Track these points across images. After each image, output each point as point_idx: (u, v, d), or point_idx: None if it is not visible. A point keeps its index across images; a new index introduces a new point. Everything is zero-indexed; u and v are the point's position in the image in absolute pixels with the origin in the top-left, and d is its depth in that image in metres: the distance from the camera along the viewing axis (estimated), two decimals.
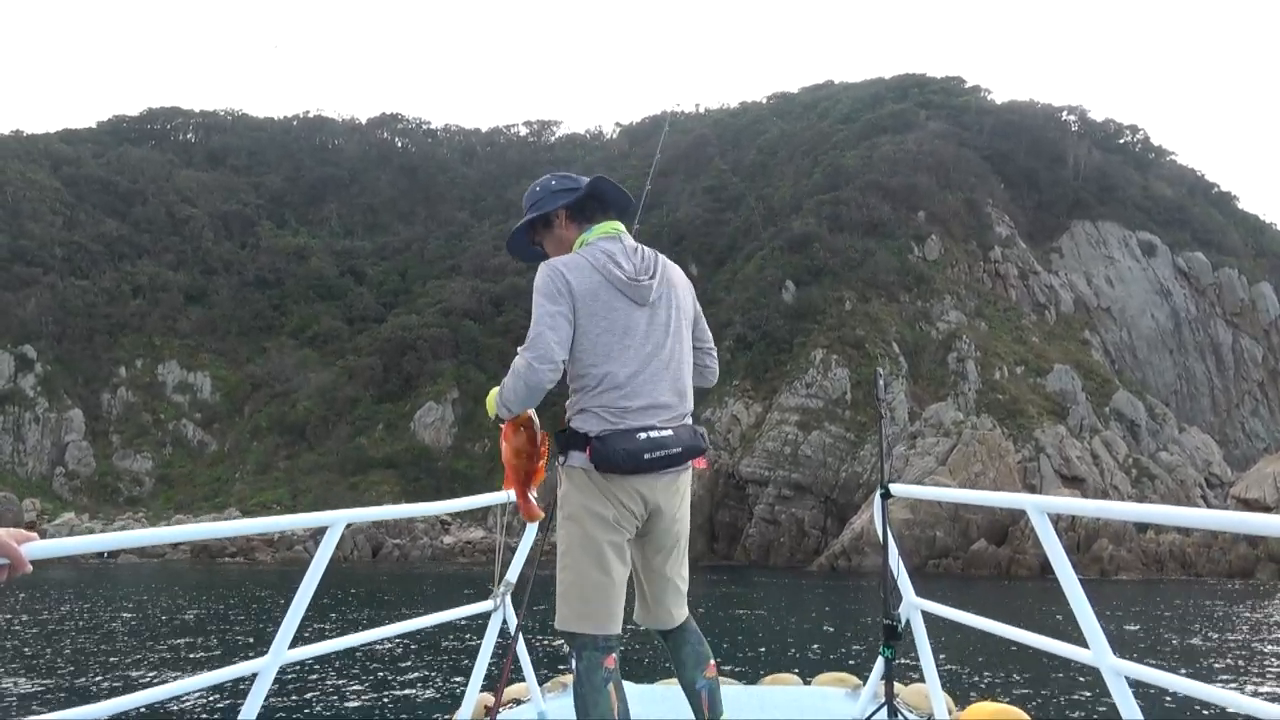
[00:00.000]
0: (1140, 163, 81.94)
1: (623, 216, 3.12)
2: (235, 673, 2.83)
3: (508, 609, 3.91)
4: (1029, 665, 14.18)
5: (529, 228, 3.13)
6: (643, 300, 2.93)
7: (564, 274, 2.86)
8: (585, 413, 2.87)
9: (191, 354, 69.99)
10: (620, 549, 2.89)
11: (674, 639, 3.10)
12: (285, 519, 3.01)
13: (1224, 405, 65.28)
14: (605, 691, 2.78)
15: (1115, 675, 2.62)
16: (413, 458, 60.47)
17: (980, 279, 63.79)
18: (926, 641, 3.68)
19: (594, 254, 2.93)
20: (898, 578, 3.71)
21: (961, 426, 45.94)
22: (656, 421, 2.89)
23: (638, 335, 2.91)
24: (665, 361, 2.95)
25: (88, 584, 33.17)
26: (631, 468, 2.83)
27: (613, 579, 2.86)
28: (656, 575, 3.04)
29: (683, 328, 3.05)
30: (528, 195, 3.13)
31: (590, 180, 3.09)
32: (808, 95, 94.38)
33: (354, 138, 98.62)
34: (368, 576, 37.08)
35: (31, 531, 1.96)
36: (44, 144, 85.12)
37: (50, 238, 72.86)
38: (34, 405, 62.79)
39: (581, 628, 2.83)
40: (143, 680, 14.85)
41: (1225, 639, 19.90)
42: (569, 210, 3.06)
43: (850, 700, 4.30)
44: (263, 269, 77.31)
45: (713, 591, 30.02)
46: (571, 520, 2.89)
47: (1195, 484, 49.53)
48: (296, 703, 14.92)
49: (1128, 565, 38.47)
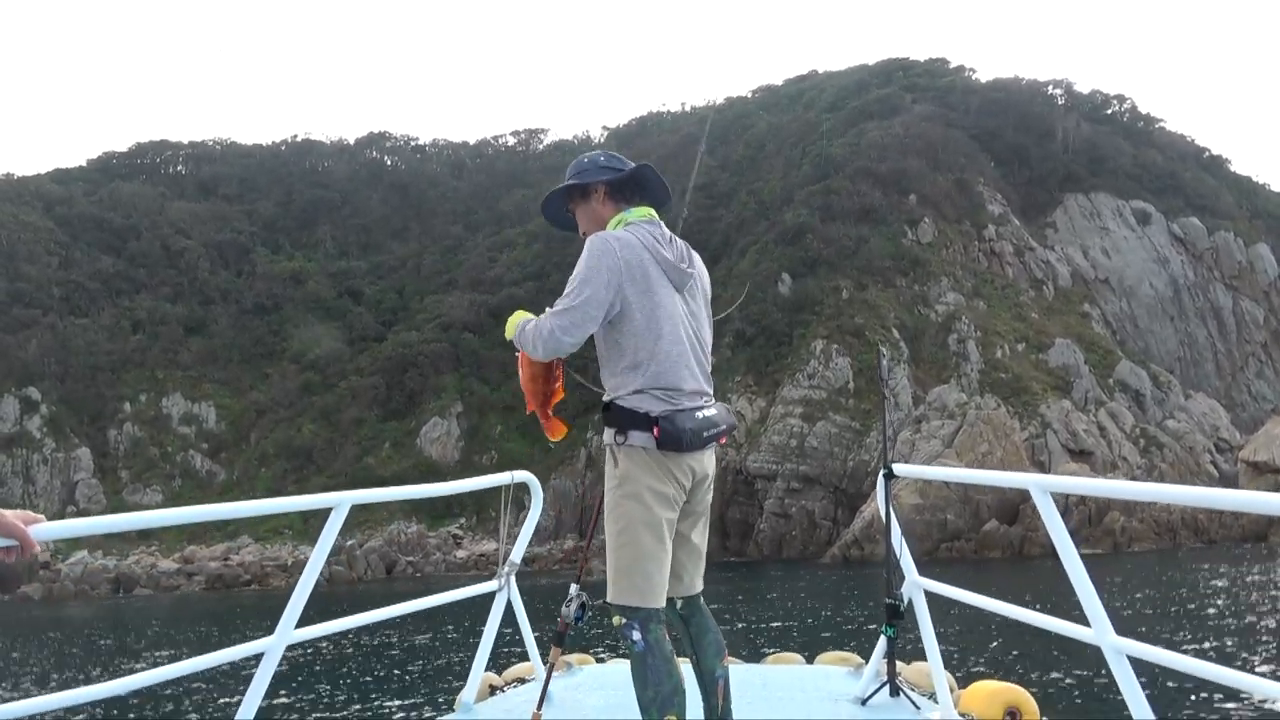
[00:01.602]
0: (1130, 132, 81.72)
1: (657, 208, 3.21)
2: (243, 652, 2.88)
3: (512, 589, 3.98)
4: (1031, 644, 14.15)
5: (566, 194, 3.25)
6: (681, 285, 3.05)
7: (618, 250, 2.94)
8: (642, 393, 2.94)
9: (194, 385, 70.13)
10: (673, 525, 3.01)
11: (696, 625, 3.19)
12: (290, 500, 3.07)
13: (1228, 369, 65.08)
14: (674, 661, 2.89)
15: (1116, 653, 2.62)
16: (420, 474, 60.40)
17: (976, 259, 63.68)
18: (929, 621, 3.70)
19: (641, 233, 3.03)
20: (900, 557, 3.72)
21: (966, 408, 45.84)
22: (703, 402, 3.05)
23: (679, 319, 3.02)
24: (701, 348, 3.09)
25: (103, 620, 33.26)
26: (694, 445, 2.95)
27: (668, 554, 2.98)
28: (688, 544, 3.14)
29: (706, 318, 3.19)
30: (574, 164, 3.27)
31: (636, 165, 3.19)
32: (792, 86, 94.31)
33: (343, 159, 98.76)
34: (383, 595, 37.12)
35: (39, 515, 2.05)
36: (35, 185, 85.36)
37: (47, 278, 73.08)
38: (41, 446, 62.97)
39: (646, 602, 2.90)
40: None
41: (1237, 607, 19.85)
42: (609, 187, 3.16)
43: (853, 679, 4.31)
44: (260, 295, 77.45)
45: (726, 588, 29.99)
46: (632, 499, 2.95)
47: (1204, 450, 49.41)
48: (304, 682, 15.03)
49: (1140, 536, 38.36)
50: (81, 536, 2.28)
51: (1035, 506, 2.91)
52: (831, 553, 41.54)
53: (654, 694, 2.83)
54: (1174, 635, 15.89)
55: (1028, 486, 2.94)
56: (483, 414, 64.15)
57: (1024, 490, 3.01)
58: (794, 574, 35.85)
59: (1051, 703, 10.28)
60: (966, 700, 3.87)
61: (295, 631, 2.97)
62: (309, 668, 14.13)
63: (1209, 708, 9.94)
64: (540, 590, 24.85)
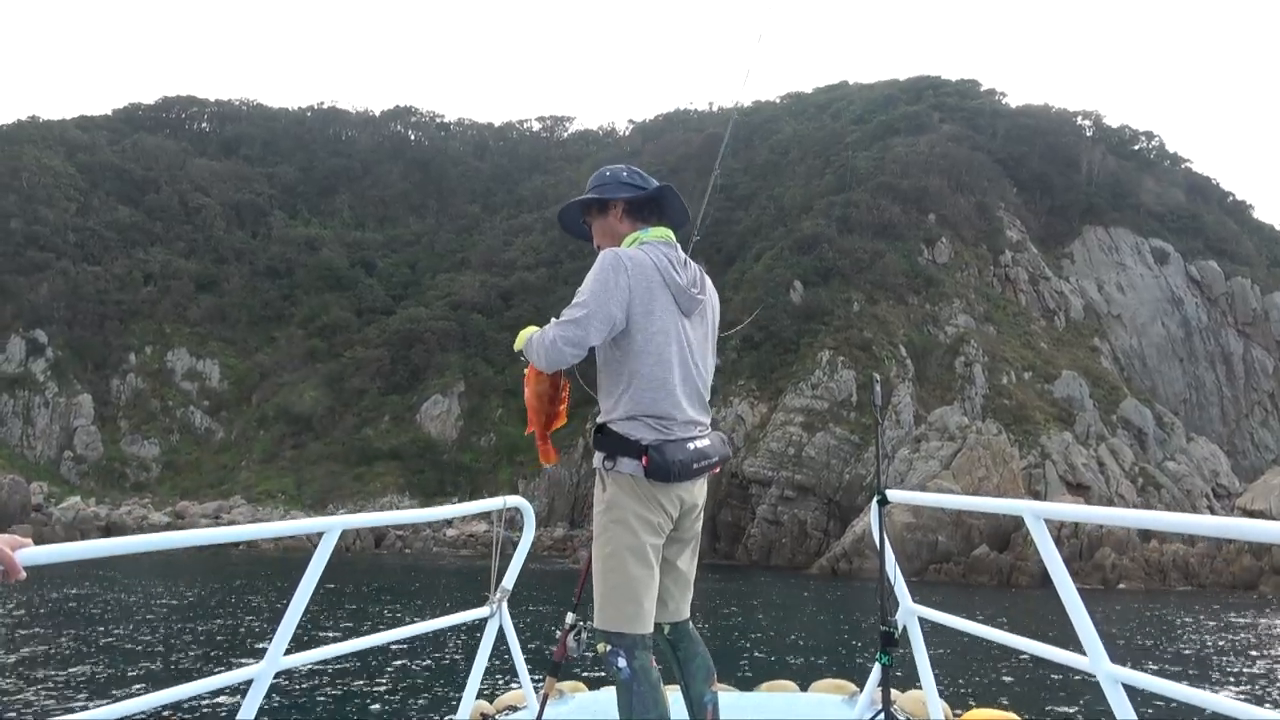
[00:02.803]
0: (1155, 169, 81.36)
1: (675, 230, 3.19)
2: (231, 679, 2.82)
3: (504, 615, 3.93)
4: (1026, 672, 14.11)
5: (585, 206, 3.20)
6: (689, 311, 3.02)
7: (629, 267, 2.91)
8: (635, 420, 2.92)
9: (201, 342, 70.35)
10: (659, 552, 2.98)
11: (684, 650, 3.16)
12: (282, 525, 2.98)
13: (1233, 415, 64.84)
14: (660, 689, 2.87)
15: (1112, 681, 2.61)
16: (418, 450, 60.63)
17: (990, 283, 63.52)
18: (924, 648, 3.69)
19: (656, 254, 2.99)
20: (895, 584, 3.70)
21: (967, 431, 45.75)
22: (697, 432, 3.01)
23: (682, 344, 2.98)
24: (701, 375, 3.05)
25: (90, 569, 33.33)
26: (684, 477, 2.93)
27: (655, 581, 2.96)
28: (674, 570, 3.11)
29: (711, 345, 3.15)
30: (596, 176, 3.22)
31: (659, 186, 3.16)
32: (821, 95, 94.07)
33: (367, 130, 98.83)
34: (369, 571, 37.17)
35: (26, 539, 1.94)
36: (59, 130, 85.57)
37: (64, 223, 73.32)
38: (44, 389, 63.22)
39: (632, 628, 2.89)
40: (143, 675, 14.92)
41: (1226, 650, 19.78)
42: (628, 205, 3.13)
43: (847, 707, 4.29)
44: (273, 259, 77.62)
45: (714, 589, 30.00)
46: (620, 525, 2.93)
47: (1202, 494, 49.22)
48: (293, 705, 15.00)
49: (1130, 574, 38.28)
50: (71, 560, 2.12)
51: (1027, 535, 2.90)
52: (820, 563, 41.52)
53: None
54: (1165, 670, 15.84)
55: (1022, 513, 2.91)
56: (484, 395, 64.22)
57: (1017, 518, 2.98)
58: (782, 583, 35.82)
59: None
60: None
61: (285, 658, 2.90)
62: (292, 693, 14.12)
63: None
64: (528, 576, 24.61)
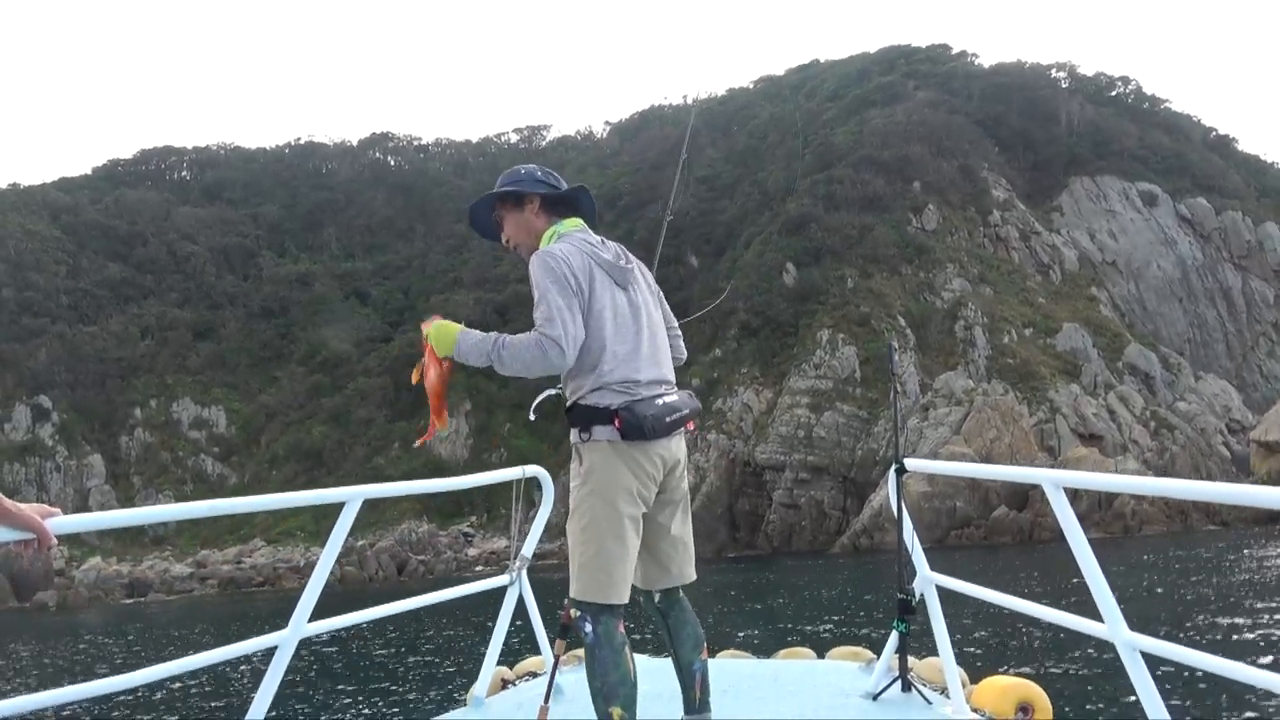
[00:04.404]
0: (1134, 113, 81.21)
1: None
2: (256, 645, 2.91)
3: (524, 583, 3.98)
4: (1044, 639, 14.07)
5: (500, 200, 3.26)
6: (624, 283, 3.10)
7: (567, 261, 2.98)
8: (602, 389, 2.97)
9: (204, 389, 70.43)
10: (638, 522, 3.01)
11: (675, 619, 3.21)
12: (306, 494, 3.07)
13: (1239, 350, 64.71)
14: (624, 654, 2.92)
15: (1130, 649, 2.60)
16: (430, 473, 60.58)
17: (981, 244, 63.41)
18: (941, 616, 3.67)
19: (577, 241, 3.10)
20: (912, 552, 3.70)
21: (973, 394, 45.68)
22: (663, 390, 3.07)
23: (627, 315, 3.07)
24: (653, 338, 3.12)
25: (118, 624, 33.43)
26: (658, 433, 2.97)
27: (629, 551, 2.99)
28: (669, 535, 3.15)
29: (654, 309, 3.21)
30: (508, 173, 3.30)
31: (573, 187, 3.27)
32: (794, 76, 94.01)
33: (346, 160, 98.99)
34: (395, 594, 37.24)
35: (55, 508, 2.09)
36: (41, 194, 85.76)
37: (55, 287, 73.46)
38: (54, 454, 63.34)
39: (604, 598, 2.94)
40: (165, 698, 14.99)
41: (1253, 591, 19.74)
42: (543, 200, 3.21)
43: (864, 674, 4.27)
44: (267, 299, 77.72)
45: (739, 585, 29.95)
46: (597, 495, 2.97)
47: (1216, 431, 49.12)
48: (316, 678, 15.08)
49: (1152, 519, 38.24)
50: (99, 530, 2.31)
51: (1045, 493, 2.89)
52: (841, 542, 41.51)
53: (600, 684, 2.89)
54: (1187, 621, 15.79)
55: (1041, 482, 2.89)
56: (491, 412, 64.26)
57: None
58: (805, 566, 35.80)
59: (1064, 698, 10.20)
60: (979, 696, 3.84)
61: (309, 625, 2.96)
62: (320, 664, 14.20)
63: (1224, 704, 9.86)
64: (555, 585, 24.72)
